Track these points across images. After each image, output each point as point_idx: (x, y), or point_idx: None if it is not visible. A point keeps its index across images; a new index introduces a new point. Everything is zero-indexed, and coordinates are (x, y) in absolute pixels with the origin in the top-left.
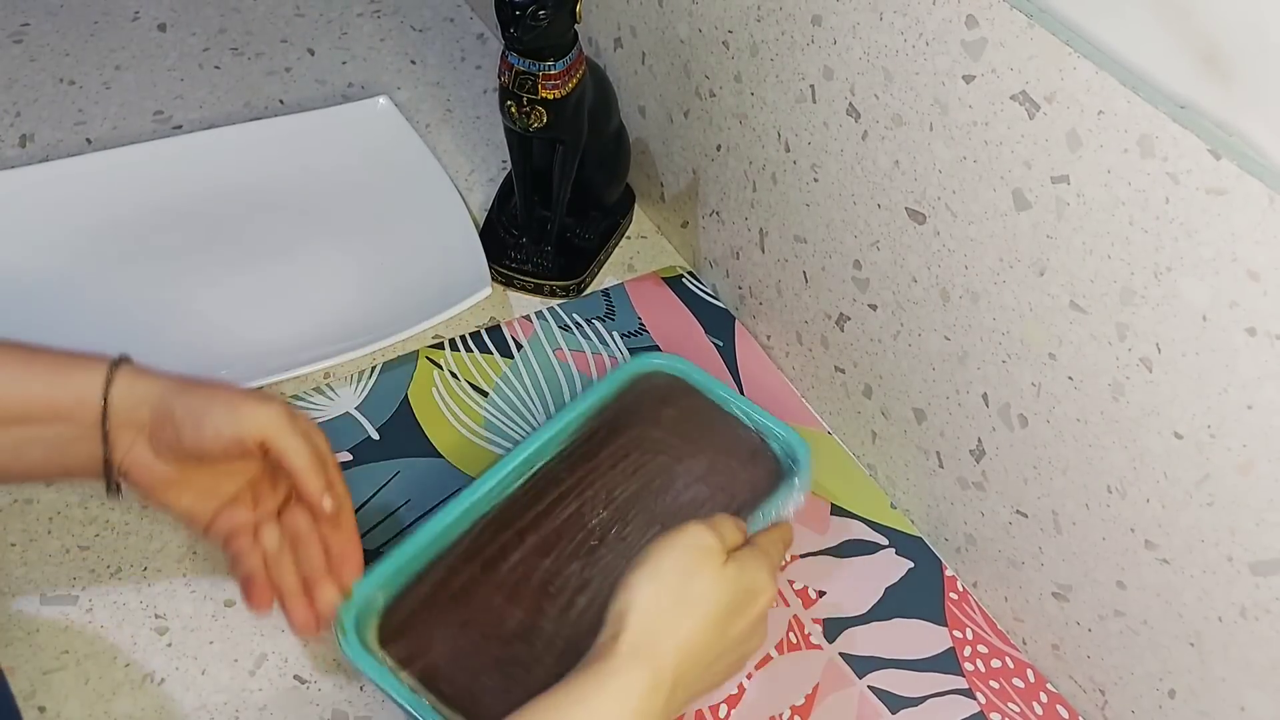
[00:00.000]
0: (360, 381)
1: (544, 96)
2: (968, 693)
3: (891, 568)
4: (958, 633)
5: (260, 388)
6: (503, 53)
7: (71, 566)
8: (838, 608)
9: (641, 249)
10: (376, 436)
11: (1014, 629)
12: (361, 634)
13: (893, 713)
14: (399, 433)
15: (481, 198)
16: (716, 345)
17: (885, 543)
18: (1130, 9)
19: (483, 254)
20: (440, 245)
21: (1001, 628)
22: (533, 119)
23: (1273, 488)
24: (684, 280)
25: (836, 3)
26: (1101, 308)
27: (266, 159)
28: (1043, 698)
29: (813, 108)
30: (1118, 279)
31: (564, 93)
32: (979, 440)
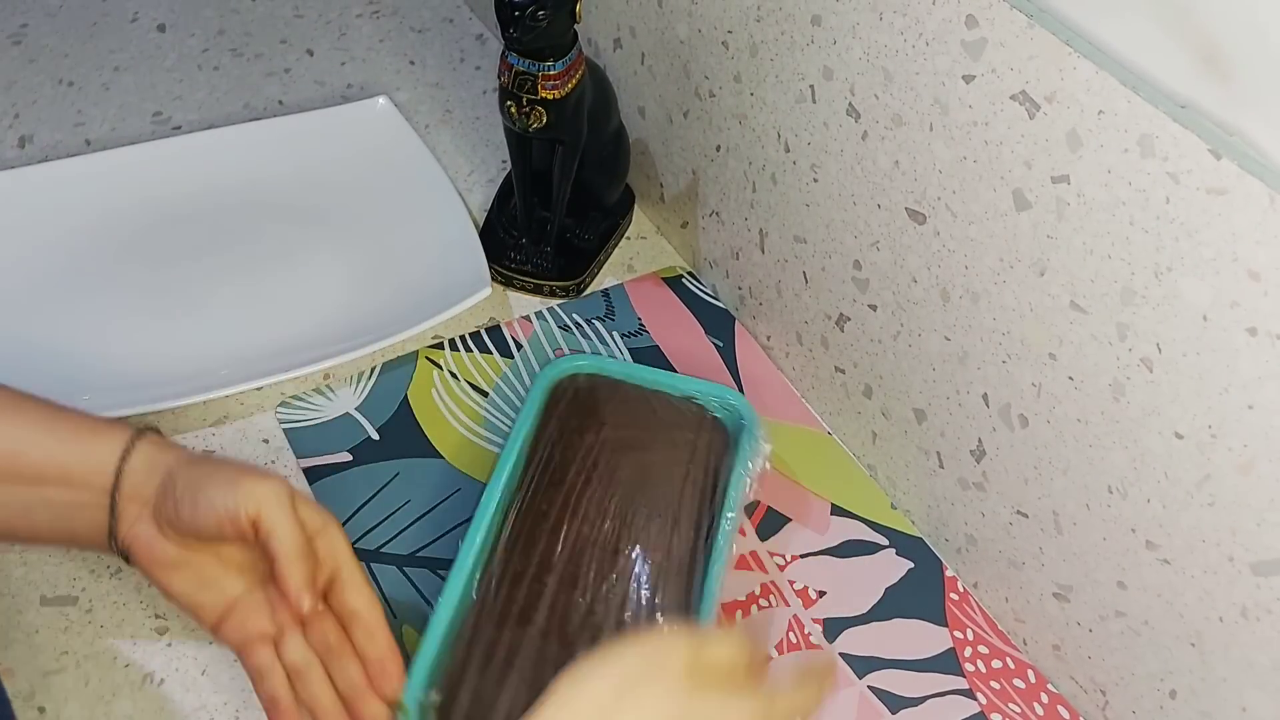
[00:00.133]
0: (360, 382)
1: (544, 97)
2: (968, 693)
3: (892, 568)
4: (958, 633)
5: (257, 384)
6: (502, 53)
7: (71, 566)
8: (838, 608)
9: (641, 249)
10: (376, 437)
11: (1015, 629)
12: None
13: (893, 713)
14: (399, 433)
15: (481, 198)
16: (716, 346)
17: (885, 543)
18: (1130, 9)
19: (482, 254)
20: (440, 245)
21: (1002, 628)
22: (532, 119)
23: (1274, 488)
24: (684, 281)
25: (836, 3)
26: (1102, 308)
27: (266, 160)
28: (1044, 698)
29: (812, 108)
30: (1118, 279)
31: (564, 93)
32: (979, 440)
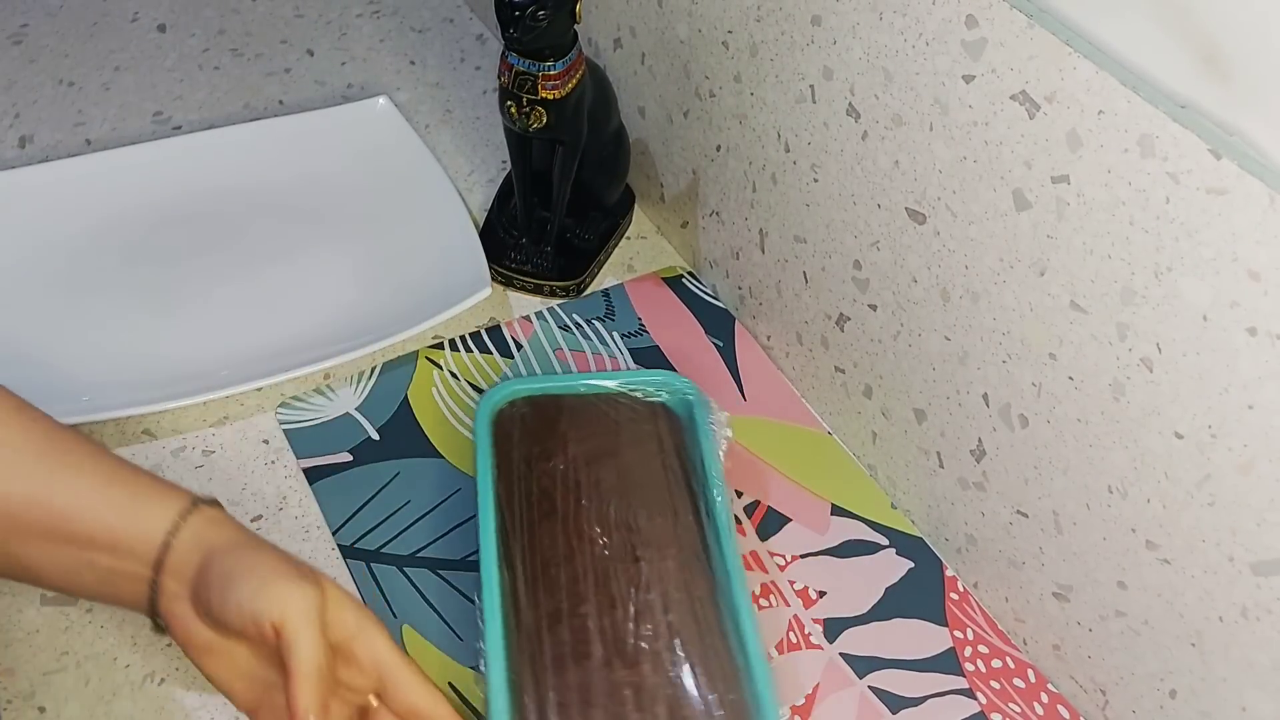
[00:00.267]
0: (360, 382)
1: (544, 97)
2: (968, 693)
3: (892, 568)
4: (958, 633)
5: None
6: (502, 53)
7: None
8: (838, 608)
9: (641, 249)
10: (376, 437)
11: (1015, 629)
12: None
13: (893, 713)
14: (399, 433)
15: (481, 198)
16: (716, 346)
17: (885, 543)
18: (1130, 9)
19: (482, 254)
20: (440, 245)
21: (1002, 628)
22: (532, 119)
23: (1274, 487)
24: (684, 280)
25: (836, 3)
26: (1102, 308)
27: (266, 160)
28: (1044, 698)
29: (813, 108)
30: (1118, 279)
31: (564, 93)
32: (979, 440)
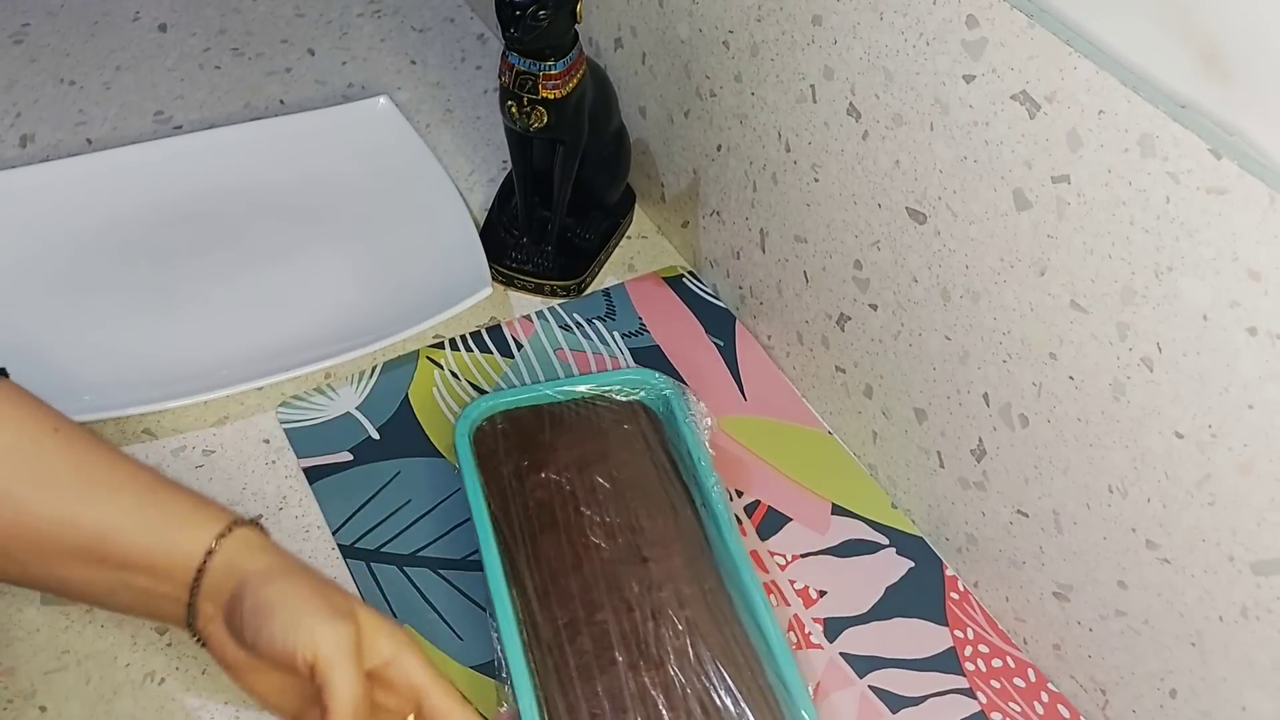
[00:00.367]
0: (361, 381)
1: (544, 96)
2: (969, 692)
3: (892, 567)
4: (958, 632)
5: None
6: (503, 53)
7: None
8: (838, 607)
9: (642, 249)
10: (377, 436)
11: (1015, 629)
12: None
13: (893, 712)
14: (399, 433)
15: (482, 198)
16: (717, 345)
17: (886, 542)
18: (1131, 9)
19: (483, 254)
20: (440, 245)
21: (1002, 627)
22: (533, 119)
23: (1274, 487)
24: (684, 280)
25: (837, 3)
26: (1102, 307)
27: (267, 159)
28: (1044, 697)
29: (813, 108)
30: (1118, 279)
31: (564, 93)
32: (980, 440)
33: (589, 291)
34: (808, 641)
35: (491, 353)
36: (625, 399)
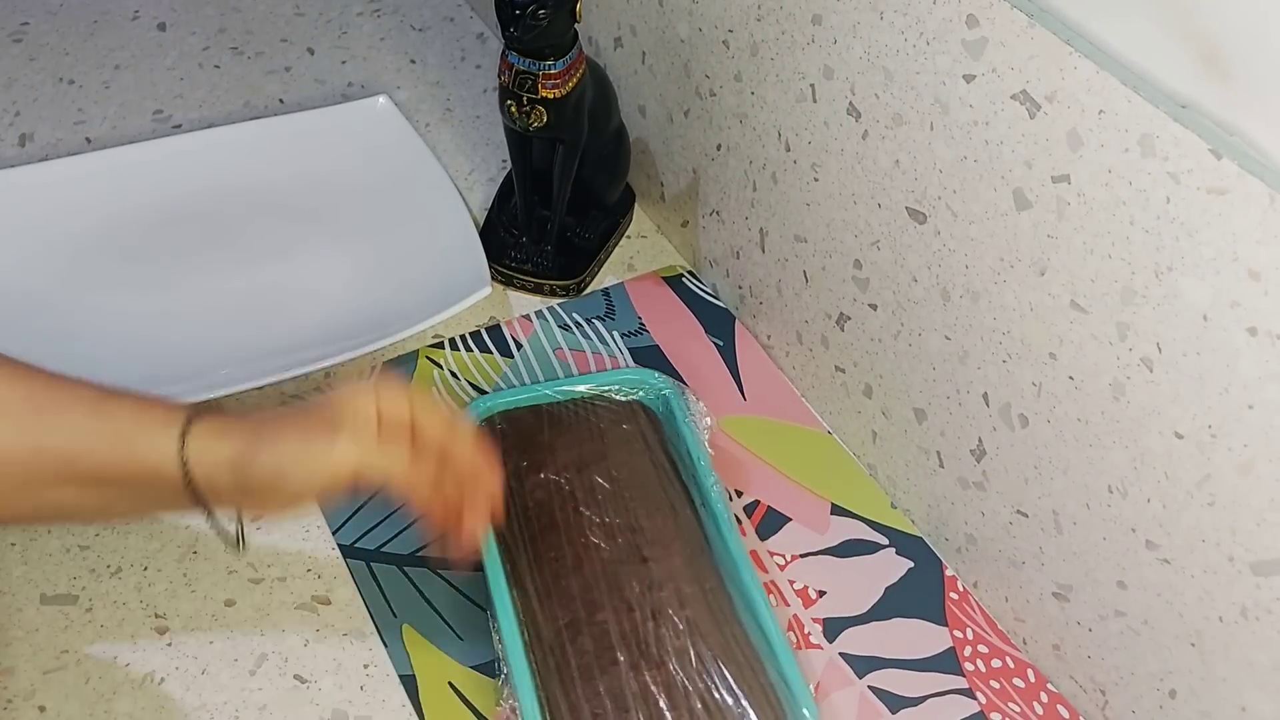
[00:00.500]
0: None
1: (544, 96)
2: (968, 693)
3: (892, 568)
4: (958, 633)
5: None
6: (503, 52)
7: (71, 566)
8: (838, 607)
9: (641, 248)
10: None
11: (1014, 629)
12: None
13: (893, 713)
14: None
15: (481, 197)
16: (717, 345)
17: (885, 542)
18: (1131, 9)
19: (483, 253)
20: (440, 245)
21: (1002, 628)
22: (533, 118)
23: (1274, 487)
24: (684, 280)
25: (837, 2)
26: (1102, 307)
27: (266, 158)
28: (1043, 698)
29: (813, 107)
30: (1118, 279)
31: (564, 92)
32: (979, 440)
33: (588, 291)
34: (807, 642)
35: (491, 352)
36: (625, 399)
